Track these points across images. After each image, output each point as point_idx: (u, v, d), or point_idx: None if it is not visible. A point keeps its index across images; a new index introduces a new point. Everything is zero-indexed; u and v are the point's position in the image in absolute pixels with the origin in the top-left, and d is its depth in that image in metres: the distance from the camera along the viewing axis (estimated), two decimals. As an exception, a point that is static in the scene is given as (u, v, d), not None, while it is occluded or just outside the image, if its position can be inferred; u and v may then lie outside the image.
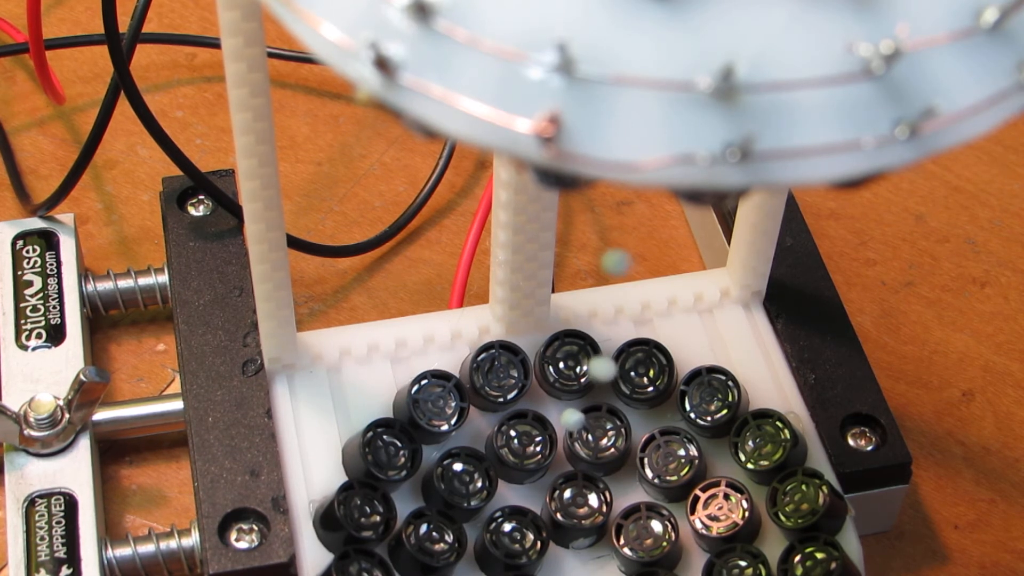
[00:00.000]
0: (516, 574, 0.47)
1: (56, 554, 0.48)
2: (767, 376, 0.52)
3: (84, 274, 0.56)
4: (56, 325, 0.54)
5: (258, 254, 0.47)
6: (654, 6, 0.29)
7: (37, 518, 0.49)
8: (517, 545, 0.48)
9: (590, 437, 0.50)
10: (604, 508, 0.48)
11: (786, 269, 0.55)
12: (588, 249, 0.61)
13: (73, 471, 0.50)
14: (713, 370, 0.51)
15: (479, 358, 0.51)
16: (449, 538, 0.47)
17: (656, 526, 0.48)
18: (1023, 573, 0.52)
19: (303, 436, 0.50)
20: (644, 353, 0.51)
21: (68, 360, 0.53)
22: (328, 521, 0.47)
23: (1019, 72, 0.30)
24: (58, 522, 0.49)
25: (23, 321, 0.54)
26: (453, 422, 0.50)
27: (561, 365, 0.51)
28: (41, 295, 0.55)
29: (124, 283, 0.56)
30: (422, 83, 0.29)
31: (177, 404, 0.52)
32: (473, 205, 0.62)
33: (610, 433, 0.50)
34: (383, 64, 0.29)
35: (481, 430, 0.51)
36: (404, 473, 0.48)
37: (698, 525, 0.48)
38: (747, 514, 0.48)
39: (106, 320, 0.57)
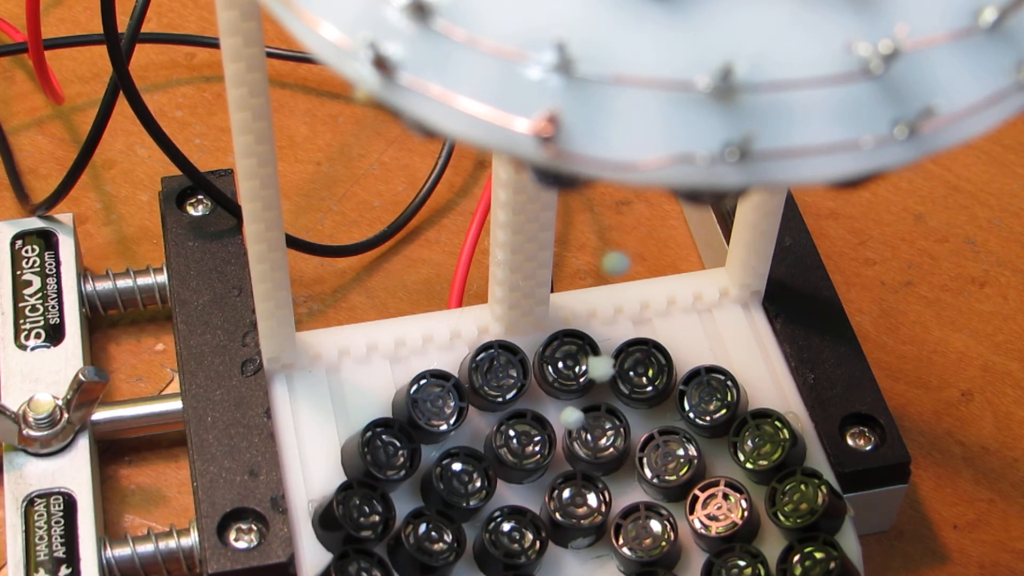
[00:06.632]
0: (515, 574, 0.47)
1: (55, 554, 0.48)
2: (766, 376, 0.52)
3: (83, 274, 0.56)
4: (55, 325, 0.54)
5: (257, 254, 0.47)
6: (653, 5, 0.29)
7: (36, 518, 0.49)
8: (516, 545, 0.48)
9: (589, 437, 0.50)
10: (603, 508, 0.48)
11: (785, 269, 0.55)
12: (587, 249, 0.61)
13: (72, 471, 0.50)
14: (712, 370, 0.51)
15: (478, 358, 0.51)
16: (448, 538, 0.47)
17: (655, 526, 0.48)
18: (1022, 573, 0.52)
19: (302, 436, 0.50)
20: (643, 353, 0.51)
21: (67, 360, 0.53)
22: (327, 521, 0.47)
23: (1018, 72, 0.30)
24: (57, 522, 0.49)
25: (22, 321, 0.54)
26: (452, 422, 0.50)
27: (560, 365, 0.51)
28: (40, 295, 0.55)
29: (123, 283, 0.56)
30: (421, 83, 0.29)
31: (176, 404, 0.52)
32: (472, 205, 0.62)
33: (609, 433, 0.50)
34: (382, 64, 0.29)
35: (480, 430, 0.51)
36: (403, 473, 0.48)
37: (697, 525, 0.48)
38: (746, 514, 0.48)
39: (105, 320, 0.57)
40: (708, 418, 0.50)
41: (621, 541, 0.48)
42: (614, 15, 0.29)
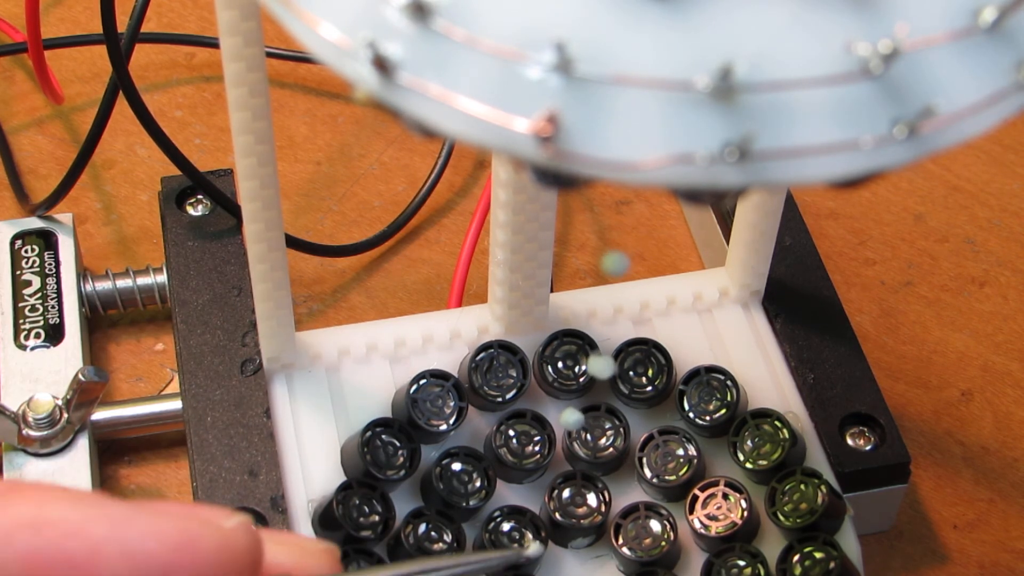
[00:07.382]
0: (515, 574, 0.47)
1: (55, 554, 0.48)
2: (766, 376, 0.52)
3: (83, 274, 0.56)
4: (55, 325, 0.54)
5: (257, 253, 0.47)
6: (653, 5, 0.29)
7: (36, 518, 0.49)
8: (516, 545, 0.48)
9: (589, 437, 0.50)
10: (603, 508, 0.48)
11: (785, 269, 0.55)
12: (587, 249, 0.61)
13: (72, 471, 0.50)
14: (712, 370, 0.51)
15: (478, 358, 0.51)
16: (448, 538, 0.47)
17: (655, 526, 0.48)
18: (1022, 573, 0.52)
19: (302, 436, 0.50)
20: (643, 353, 0.51)
21: (67, 360, 0.53)
22: (327, 521, 0.47)
23: (1018, 71, 0.30)
24: (57, 522, 0.49)
25: (22, 321, 0.54)
26: (452, 422, 0.50)
27: (560, 365, 0.51)
28: (40, 295, 0.55)
29: (123, 283, 0.56)
30: (420, 82, 0.29)
31: (176, 404, 0.52)
32: (472, 204, 0.62)
33: (609, 433, 0.50)
34: (381, 63, 0.29)
35: (480, 430, 0.51)
36: (403, 473, 0.48)
37: (697, 525, 0.48)
38: (746, 514, 0.48)
39: (105, 320, 0.57)
40: (708, 418, 0.50)
41: (621, 541, 0.48)
42: (614, 15, 0.29)
